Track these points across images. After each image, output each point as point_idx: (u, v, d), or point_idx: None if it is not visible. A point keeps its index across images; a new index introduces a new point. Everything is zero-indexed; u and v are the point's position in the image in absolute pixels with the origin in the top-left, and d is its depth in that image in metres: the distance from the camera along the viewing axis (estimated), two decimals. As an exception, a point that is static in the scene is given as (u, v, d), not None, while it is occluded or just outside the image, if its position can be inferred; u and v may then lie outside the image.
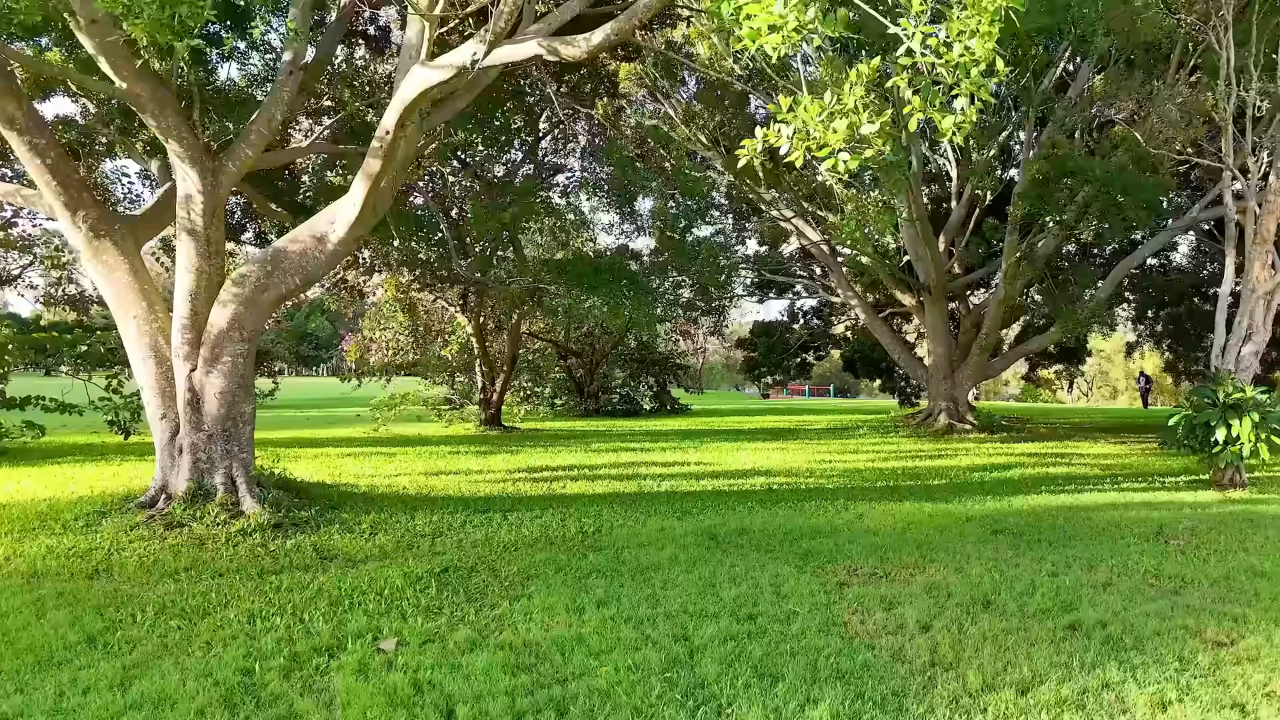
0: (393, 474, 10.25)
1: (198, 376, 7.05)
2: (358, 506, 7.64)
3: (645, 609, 4.69)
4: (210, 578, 5.32)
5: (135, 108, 7.02)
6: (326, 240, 7.12)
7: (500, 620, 4.52)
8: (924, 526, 7.22)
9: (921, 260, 18.73)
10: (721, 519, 7.50)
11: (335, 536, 6.47)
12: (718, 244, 21.08)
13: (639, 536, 6.68)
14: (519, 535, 6.66)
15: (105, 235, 7.47)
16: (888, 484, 9.94)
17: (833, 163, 3.05)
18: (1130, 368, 50.20)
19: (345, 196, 7.04)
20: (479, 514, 7.51)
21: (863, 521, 7.48)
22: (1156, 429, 19.69)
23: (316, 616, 4.50)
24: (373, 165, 6.65)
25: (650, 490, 9.17)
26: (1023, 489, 9.50)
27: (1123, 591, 5.15)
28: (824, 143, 3.02)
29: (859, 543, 6.48)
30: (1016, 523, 7.40)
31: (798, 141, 3.07)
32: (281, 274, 7.13)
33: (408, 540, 6.45)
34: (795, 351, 26.94)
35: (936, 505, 8.35)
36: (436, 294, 15.60)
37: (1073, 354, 26.14)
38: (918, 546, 6.40)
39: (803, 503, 8.46)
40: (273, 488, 7.42)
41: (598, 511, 7.75)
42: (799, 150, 3.08)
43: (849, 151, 3.04)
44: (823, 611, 4.69)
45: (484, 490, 8.94)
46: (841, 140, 2.98)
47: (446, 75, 5.92)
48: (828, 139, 2.99)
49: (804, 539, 6.62)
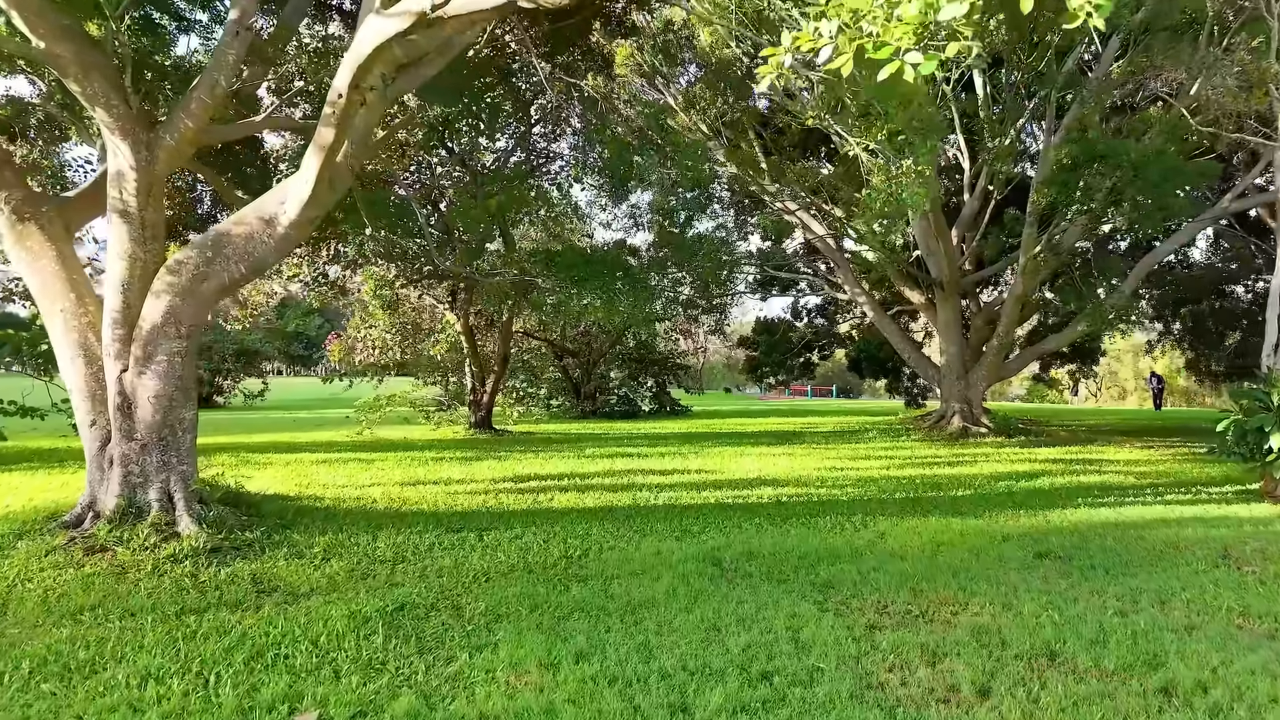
0: (366, 484, 9.38)
1: (129, 378, 6.18)
2: (315, 525, 6.76)
3: (635, 664, 3.82)
4: (118, 619, 4.45)
5: (57, 70, 6.15)
6: (276, 222, 6.24)
7: (455, 681, 3.65)
8: (957, 548, 6.35)
9: (933, 255, 17.85)
10: (726, 539, 6.62)
11: (280, 563, 5.60)
12: (719, 239, 20.25)
13: (632, 562, 5.80)
14: (493, 561, 5.78)
15: (30, 218, 6.61)
16: (907, 495, 9.07)
17: (895, 68, 2.18)
18: (1139, 368, 49.36)
19: (297, 173, 6.17)
20: (451, 533, 6.64)
21: (886, 542, 6.61)
22: (1179, 432, 18.82)
23: (227, 677, 3.62)
24: (325, 134, 5.77)
25: (646, 504, 8.29)
26: (1057, 501, 8.62)
27: (1211, 638, 4.27)
28: (883, 40, 2.17)
29: (886, 570, 5.60)
30: (1061, 543, 6.53)
31: (845, 40, 2.20)
32: (224, 261, 6.25)
33: (364, 568, 5.57)
34: (799, 351, 26.07)
35: (966, 521, 7.48)
36: (422, 290, 14.74)
37: (1087, 353, 25.26)
38: (954, 575, 5.52)
39: (816, 518, 7.58)
40: (217, 504, 6.54)
41: (586, 530, 6.88)
42: (847, 53, 2.21)
43: (920, 51, 2.17)
44: (852, 667, 3.82)
45: (462, 504, 8.06)
46: (911, 33, 2.11)
47: (404, 24, 5.05)
48: (889, 34, 2.12)
49: (822, 565, 5.75)
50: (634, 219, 21.76)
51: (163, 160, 6.45)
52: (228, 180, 9.86)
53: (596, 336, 23.51)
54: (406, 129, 12.18)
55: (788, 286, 25.11)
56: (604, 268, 10.01)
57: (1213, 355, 21.08)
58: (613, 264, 9.91)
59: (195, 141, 6.73)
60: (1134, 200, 10.63)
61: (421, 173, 14.56)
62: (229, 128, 7.62)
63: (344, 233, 10.82)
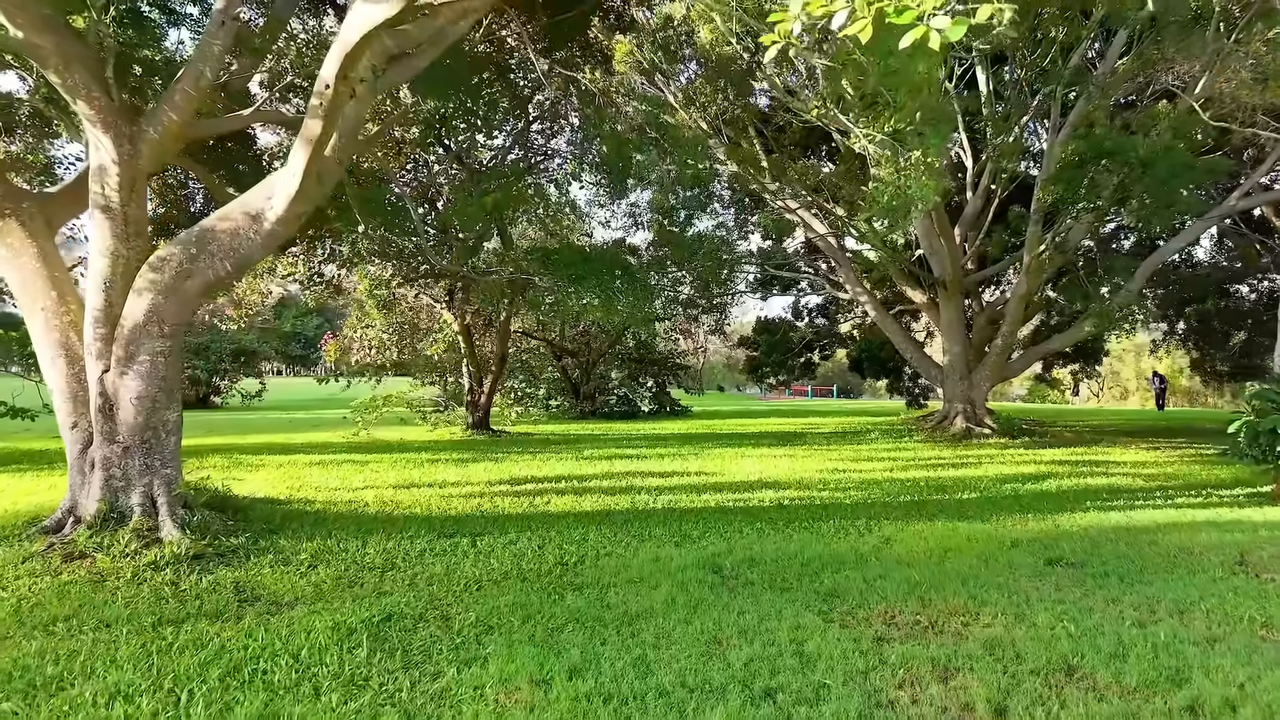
0: (359, 486, 9.19)
1: (111, 379, 5.99)
2: (304, 529, 6.57)
3: (632, 680, 3.63)
4: (92, 630, 4.26)
5: (37, 62, 5.97)
6: (263, 218, 6.05)
7: (441, 699, 3.46)
8: (965, 554, 6.15)
9: (936, 254, 17.66)
10: (727, 544, 6.43)
11: (265, 570, 5.41)
12: (719, 238, 20.06)
13: (629, 569, 5.61)
14: (485, 569, 5.59)
15: (10, 214, 6.43)
16: (911, 498, 8.87)
17: (919, 35, 1.98)
18: (1140, 368, 49.13)
19: (284, 167, 5.98)
20: (444, 538, 6.45)
21: (892, 548, 6.42)
22: (1184, 433, 18.62)
23: (200, 694, 3.43)
24: (312, 127, 5.58)
25: (645, 507, 8.10)
26: (1066, 505, 8.43)
27: (1235, 651, 4.08)
28: (905, 4, 1.97)
29: (892, 578, 5.41)
30: (1072, 549, 6.33)
31: (863, 2, 2.00)
32: (209, 258, 6.06)
33: (351, 575, 5.38)
34: (800, 351, 25.86)
35: (973, 526, 7.29)
36: (419, 289, 14.53)
37: (1090, 353, 25.06)
38: (963, 583, 5.33)
39: (819, 522, 7.39)
40: (202, 509, 6.35)
41: (583, 535, 6.68)
42: (866, 17, 2.01)
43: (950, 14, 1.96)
44: (861, 683, 3.62)
45: (455, 508, 7.87)
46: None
47: (392, 10, 4.86)
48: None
49: (826, 572, 5.55)
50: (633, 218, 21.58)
51: (146, 155, 6.26)
52: (220, 178, 9.68)
53: (596, 336, 23.32)
54: (402, 124, 12.00)
55: (788, 286, 24.91)
56: (603, 266, 9.81)
57: (1217, 355, 20.88)
58: (611, 262, 9.71)
59: (181, 136, 6.54)
60: (1141, 197, 10.44)
61: (419, 171, 14.38)
62: (216, 122, 7.43)
63: (338, 230, 10.62)
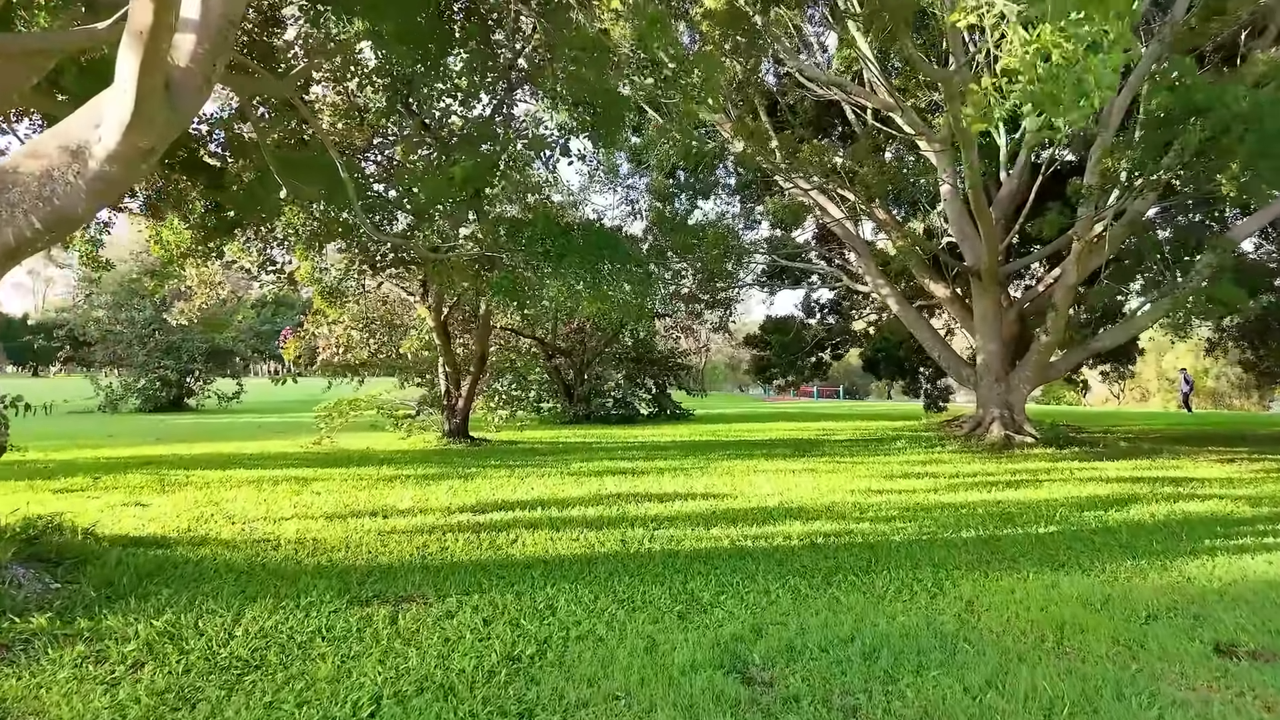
0: (285, 516, 7.36)
1: None
2: (162, 593, 4.74)
3: None
4: None
5: None
6: (87, 153, 4.21)
7: None
8: (1090, 635, 4.32)
9: (967, 240, 15.85)
10: (751, 616, 4.60)
11: (58, 677, 3.58)
12: (724, 226, 18.28)
13: (610, 670, 3.78)
14: (396, 669, 3.75)
15: None
16: (976, 533, 7.02)
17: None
18: (1161, 367, 47.31)
19: (112, 85, 4.14)
20: (356, 606, 4.62)
21: (980, 620, 4.58)
22: (1240, 440, 16.81)
23: None
24: (141, 13, 3.75)
25: (638, 549, 6.26)
26: (1176, 543, 6.60)
27: None
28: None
29: (1007, 690, 3.57)
30: (1234, 622, 4.50)
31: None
32: (8, 210, 4.22)
33: (187, 686, 3.54)
34: (811, 350, 24.01)
35: (1075, 579, 5.46)
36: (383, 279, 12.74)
37: (1122, 351, 23.22)
38: (1116, 694, 3.51)
39: (869, 575, 5.56)
40: (18, 564, 4.53)
41: (551, 600, 4.85)
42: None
43: None
44: None
45: (391, 551, 6.04)
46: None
47: None
48: None
49: (903, 674, 3.72)
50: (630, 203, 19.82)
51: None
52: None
53: (590, 334, 21.52)
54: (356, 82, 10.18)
55: (799, 280, 23.11)
56: (590, 244, 7.98)
57: (1270, 355, 19.05)
58: (599, 239, 7.89)
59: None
60: (1247, 160, 8.60)
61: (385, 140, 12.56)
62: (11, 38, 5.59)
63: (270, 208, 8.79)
